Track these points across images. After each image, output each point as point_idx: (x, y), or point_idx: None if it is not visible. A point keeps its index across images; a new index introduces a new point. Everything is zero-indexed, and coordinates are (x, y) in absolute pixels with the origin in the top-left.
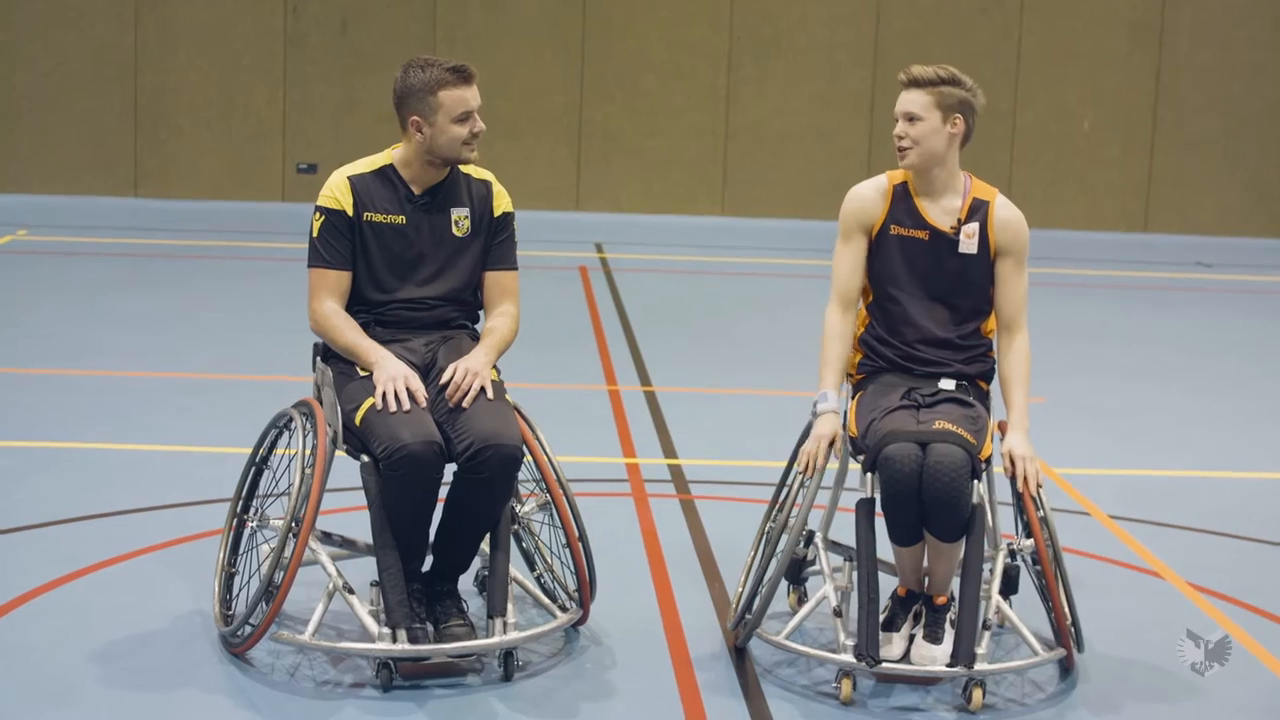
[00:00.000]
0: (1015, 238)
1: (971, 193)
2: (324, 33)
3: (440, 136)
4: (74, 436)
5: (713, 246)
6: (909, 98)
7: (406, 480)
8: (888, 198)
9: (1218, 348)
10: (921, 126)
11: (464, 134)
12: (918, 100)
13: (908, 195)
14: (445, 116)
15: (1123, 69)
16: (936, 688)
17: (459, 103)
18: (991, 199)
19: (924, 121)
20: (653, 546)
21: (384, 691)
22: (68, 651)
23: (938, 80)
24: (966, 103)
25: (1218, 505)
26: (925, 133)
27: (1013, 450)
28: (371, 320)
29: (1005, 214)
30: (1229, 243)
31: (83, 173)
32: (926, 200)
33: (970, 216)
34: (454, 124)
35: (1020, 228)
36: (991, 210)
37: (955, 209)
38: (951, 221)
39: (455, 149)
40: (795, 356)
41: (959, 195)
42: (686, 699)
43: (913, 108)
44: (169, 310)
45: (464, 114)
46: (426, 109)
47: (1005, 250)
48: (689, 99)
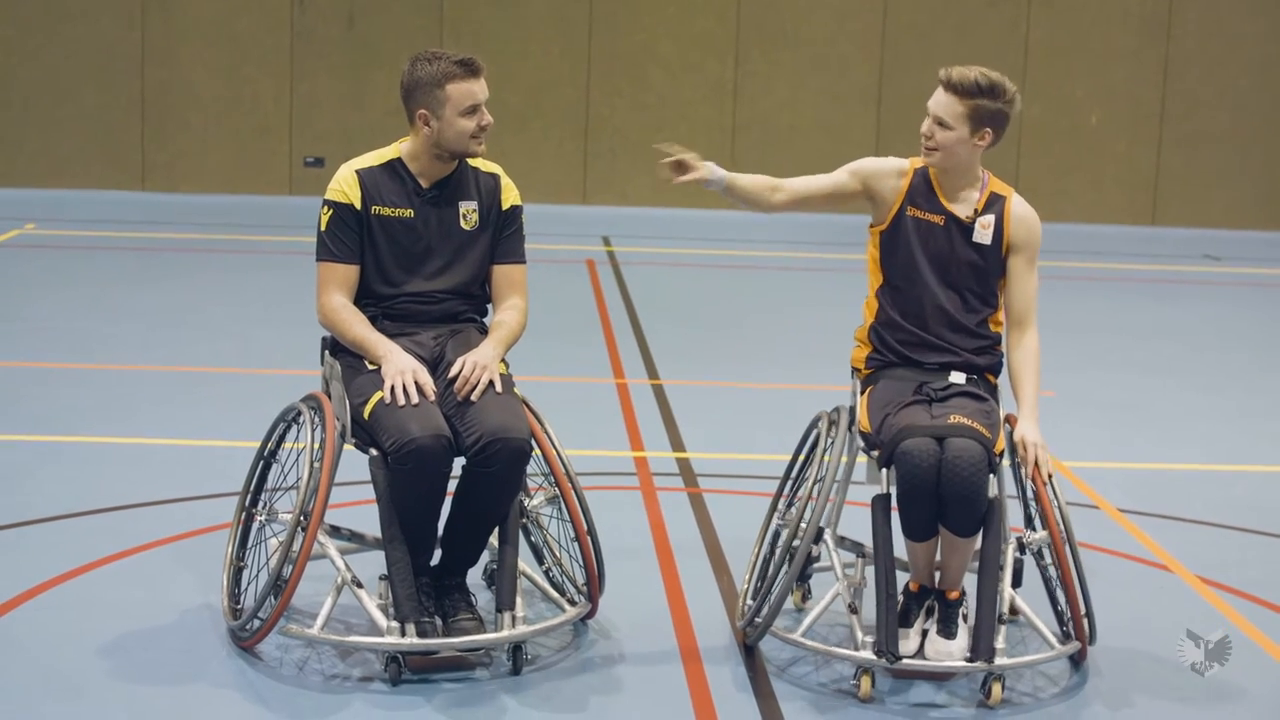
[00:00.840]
0: (1029, 235)
1: (989, 187)
2: (330, 27)
3: (448, 130)
4: (82, 430)
5: (720, 240)
6: (943, 101)
7: (415, 474)
8: (907, 178)
9: (1226, 341)
10: (949, 135)
11: (471, 127)
12: (951, 108)
13: (927, 180)
14: (453, 110)
15: (1130, 63)
16: (950, 683)
17: (466, 96)
18: (1008, 195)
19: (953, 131)
20: (661, 540)
21: (392, 685)
22: (77, 646)
23: (975, 91)
24: (1000, 115)
25: (1227, 498)
26: (952, 141)
27: (1024, 437)
28: (380, 314)
29: (1021, 211)
30: (1237, 236)
31: (90, 167)
32: (945, 187)
33: (987, 209)
34: (461, 117)
35: (1034, 226)
36: (1008, 206)
37: (972, 200)
38: (968, 211)
39: (463, 142)
40: (804, 350)
41: (977, 189)
42: (695, 693)
43: (944, 114)
44: (176, 304)
45: (471, 107)
46: (434, 102)
47: (1019, 246)
48: (696, 92)
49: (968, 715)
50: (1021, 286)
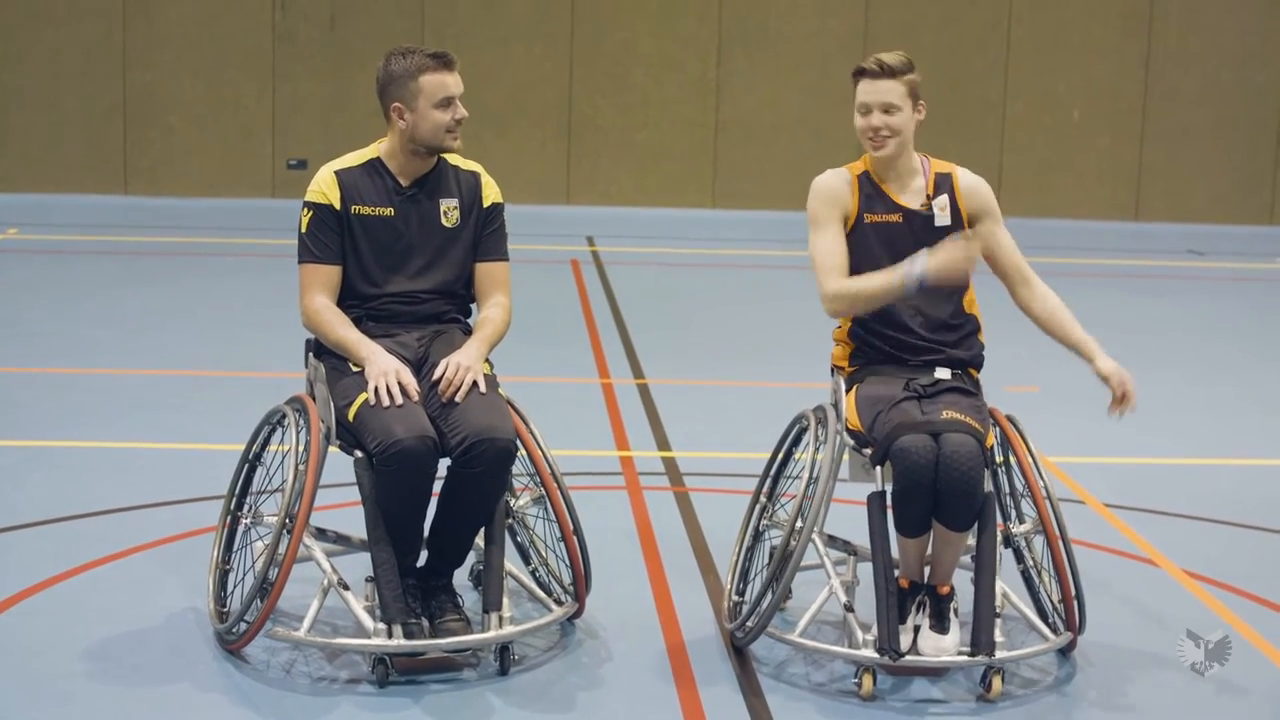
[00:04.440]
0: (985, 201)
1: (933, 169)
2: (312, 29)
3: (422, 123)
4: (66, 435)
5: (704, 239)
6: (886, 87)
7: (400, 475)
8: (855, 188)
9: (1209, 335)
10: (900, 116)
11: (446, 120)
12: (895, 90)
13: (873, 182)
14: (426, 102)
15: (1112, 58)
16: (944, 678)
17: (439, 87)
18: (953, 171)
19: (901, 111)
20: (647, 539)
21: (380, 687)
22: (63, 650)
23: (908, 68)
24: (919, 86)
25: (1211, 492)
26: (904, 122)
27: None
28: (364, 315)
29: (968, 180)
30: (1220, 230)
31: (73, 171)
32: (892, 185)
33: (938, 191)
34: (435, 109)
35: (985, 189)
36: (956, 181)
37: (920, 188)
38: (920, 200)
39: (438, 136)
40: (787, 348)
41: (920, 174)
42: (683, 691)
43: (891, 98)
44: (160, 308)
45: (445, 99)
46: (407, 95)
47: (980, 214)
48: (678, 91)
49: (968, 709)
50: (1004, 246)
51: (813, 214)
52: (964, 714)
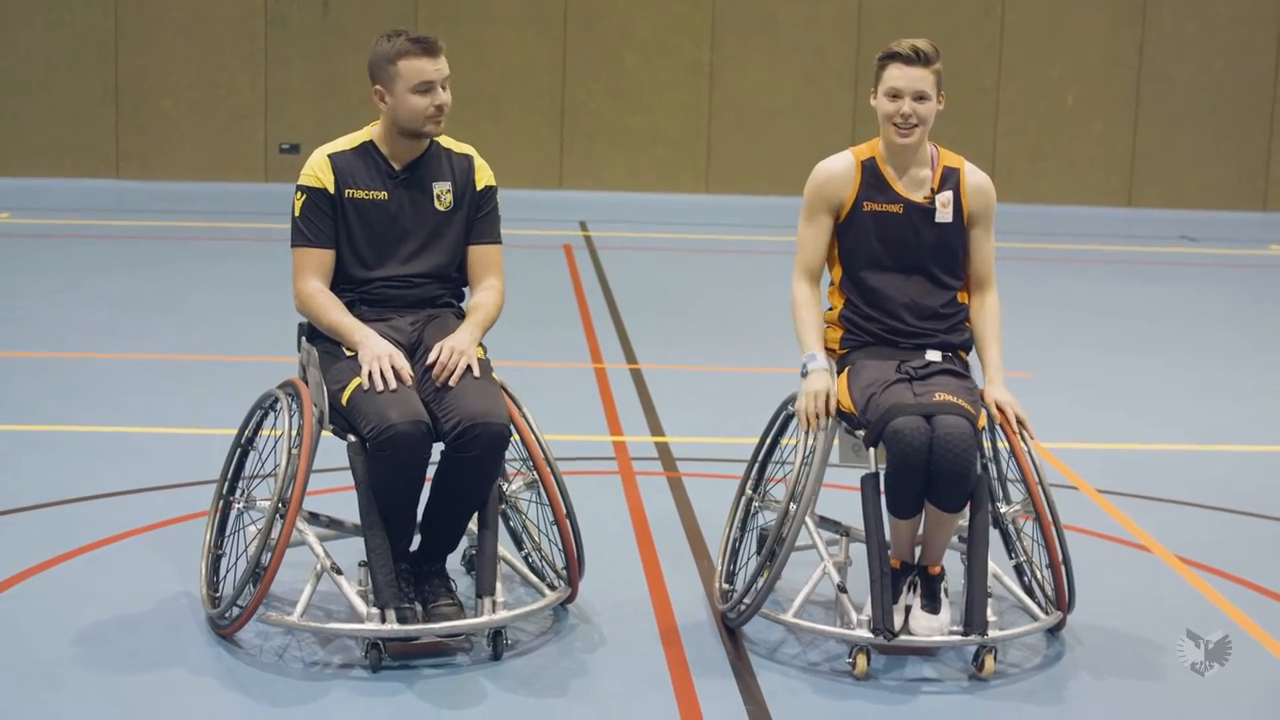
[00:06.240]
0: (987, 203)
1: (941, 161)
2: (305, 13)
3: (400, 107)
4: (58, 419)
5: (697, 224)
6: (919, 75)
7: (394, 460)
8: (857, 174)
9: (1202, 321)
10: (929, 106)
11: (424, 105)
12: (927, 79)
13: (877, 170)
14: (404, 86)
15: (1106, 44)
16: (937, 658)
17: (417, 73)
18: (961, 166)
19: (930, 101)
20: (640, 523)
21: (373, 672)
22: (56, 634)
23: (938, 56)
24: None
25: (1205, 478)
26: (931, 111)
27: (998, 399)
28: (357, 299)
29: (976, 179)
30: (1213, 216)
31: (64, 155)
32: (896, 174)
33: (943, 185)
34: (413, 94)
35: (990, 192)
36: (963, 177)
37: (925, 179)
38: (924, 192)
39: (417, 120)
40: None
41: (927, 165)
42: (676, 675)
43: (924, 85)
44: (152, 292)
45: (423, 84)
46: (387, 78)
47: (977, 216)
48: (672, 76)
49: (960, 688)
50: (981, 254)
51: (806, 199)
52: (957, 693)
